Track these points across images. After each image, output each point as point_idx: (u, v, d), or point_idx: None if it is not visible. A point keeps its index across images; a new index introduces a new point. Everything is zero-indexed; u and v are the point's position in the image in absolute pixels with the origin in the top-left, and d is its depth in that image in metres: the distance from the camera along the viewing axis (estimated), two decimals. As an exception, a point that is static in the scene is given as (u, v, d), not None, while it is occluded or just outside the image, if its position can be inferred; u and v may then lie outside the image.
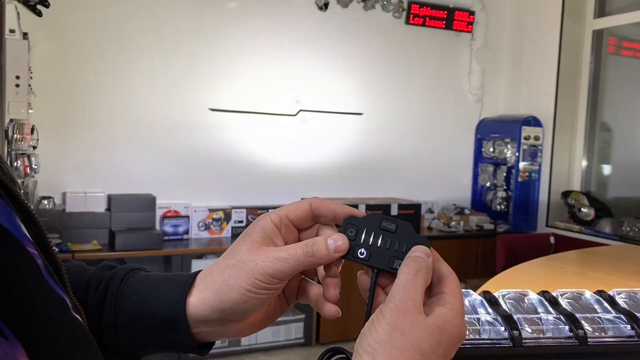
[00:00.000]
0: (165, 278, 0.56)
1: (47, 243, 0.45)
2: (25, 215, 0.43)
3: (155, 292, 0.55)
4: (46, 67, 3.51)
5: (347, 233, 0.53)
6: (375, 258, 0.52)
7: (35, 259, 0.39)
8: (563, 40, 4.48)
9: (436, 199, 4.82)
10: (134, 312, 0.54)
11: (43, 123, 3.41)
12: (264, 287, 0.50)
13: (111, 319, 0.55)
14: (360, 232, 0.53)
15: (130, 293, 0.55)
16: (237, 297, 0.51)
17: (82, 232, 3.51)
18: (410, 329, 0.44)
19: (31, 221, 0.43)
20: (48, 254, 0.44)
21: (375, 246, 0.52)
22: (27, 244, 0.39)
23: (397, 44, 4.60)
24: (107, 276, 0.57)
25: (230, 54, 4.03)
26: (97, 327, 0.55)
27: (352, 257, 0.52)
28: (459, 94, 4.92)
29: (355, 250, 0.52)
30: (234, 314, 0.52)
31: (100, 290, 0.56)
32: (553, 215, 4.57)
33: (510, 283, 1.45)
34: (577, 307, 0.68)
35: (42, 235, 0.44)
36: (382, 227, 0.53)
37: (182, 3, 3.87)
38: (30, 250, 0.39)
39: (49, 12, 3.47)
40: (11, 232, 0.38)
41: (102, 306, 0.55)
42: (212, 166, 4.06)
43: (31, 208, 0.44)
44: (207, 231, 3.96)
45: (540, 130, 4.56)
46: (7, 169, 0.44)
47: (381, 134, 4.59)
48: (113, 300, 0.55)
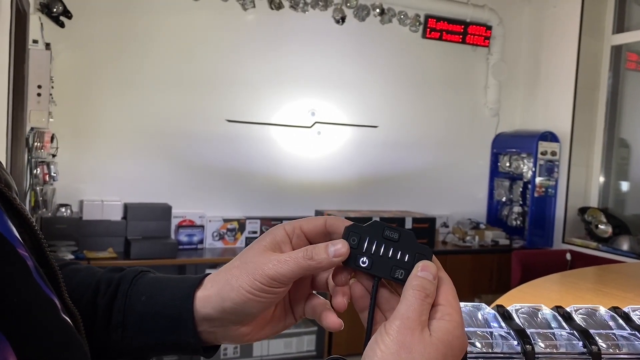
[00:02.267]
0: (174, 279, 0.58)
1: (42, 247, 0.46)
2: (21, 220, 0.44)
3: (164, 292, 0.56)
4: (67, 76, 3.58)
5: (350, 241, 0.52)
6: (377, 267, 0.51)
7: (26, 260, 0.40)
8: (581, 55, 4.46)
9: (451, 213, 4.79)
10: (142, 311, 0.55)
11: (62, 132, 3.47)
12: (263, 290, 0.50)
13: (120, 319, 0.55)
14: (362, 241, 0.52)
15: (139, 293, 0.56)
16: (237, 296, 0.51)
17: (99, 240, 3.55)
18: (417, 346, 0.44)
19: (27, 226, 0.45)
20: (43, 258, 0.45)
21: (377, 255, 0.51)
22: (18, 246, 0.40)
23: (413, 57, 4.61)
24: (116, 277, 0.58)
25: (247, 65, 4.07)
26: (106, 327, 0.56)
27: (354, 265, 0.52)
28: (475, 108, 4.91)
29: (357, 258, 0.51)
30: (234, 314, 0.52)
31: (110, 290, 0.57)
32: (570, 231, 4.52)
33: (524, 298, 1.44)
34: (591, 323, 0.68)
35: (37, 240, 0.46)
36: (384, 235, 0.52)
37: (201, 15, 3.92)
38: (20, 252, 0.40)
39: (71, 23, 3.55)
40: (1, 233, 0.39)
41: (111, 306, 0.56)
42: (228, 176, 4.09)
43: (27, 213, 0.45)
44: (221, 241, 3.98)
45: (557, 145, 4.53)
46: (4, 175, 0.46)
47: (396, 147, 4.59)
48: (123, 301, 0.56)
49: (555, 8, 4.69)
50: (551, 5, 4.73)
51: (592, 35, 4.48)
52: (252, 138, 4.13)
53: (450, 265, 4.20)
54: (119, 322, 0.55)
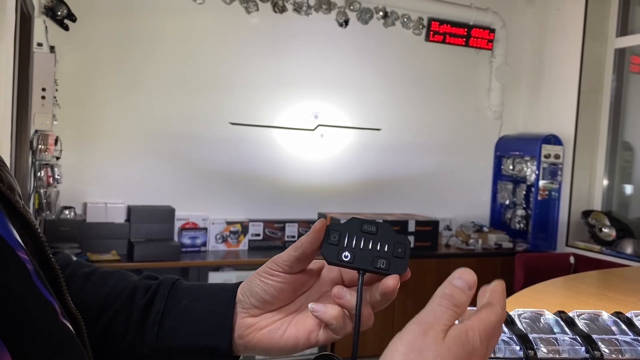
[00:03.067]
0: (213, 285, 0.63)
1: (45, 251, 0.47)
2: (24, 223, 0.45)
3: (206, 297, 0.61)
4: (71, 79, 3.59)
5: (331, 239, 0.55)
6: (359, 260, 0.54)
7: (26, 263, 0.40)
8: (584, 58, 4.45)
9: (454, 216, 4.79)
10: (182, 314, 0.60)
11: (66, 134, 3.49)
12: (267, 272, 0.58)
13: (158, 319, 0.60)
14: (342, 237, 0.55)
15: (179, 297, 0.61)
16: (254, 280, 0.59)
17: (102, 242, 3.55)
18: (428, 350, 0.42)
19: (29, 229, 0.45)
20: (45, 262, 0.46)
21: (358, 248, 0.54)
22: (18, 249, 0.40)
23: (416, 60, 4.61)
24: (155, 283, 0.63)
25: (250, 68, 4.08)
26: (142, 326, 0.60)
27: (337, 261, 0.54)
28: (479, 111, 4.91)
29: (340, 254, 0.54)
30: (254, 297, 0.59)
31: (149, 294, 0.62)
32: (573, 234, 4.51)
33: (527, 303, 1.43)
34: (594, 328, 0.68)
35: (40, 244, 0.46)
36: (363, 230, 0.55)
37: (204, 18, 3.93)
38: (20, 255, 0.40)
39: (75, 26, 3.56)
40: (2, 236, 0.39)
41: (150, 307, 0.61)
42: (231, 179, 4.09)
43: (30, 217, 0.46)
44: (224, 244, 3.98)
45: (560, 148, 4.52)
46: (7, 178, 0.46)
47: (399, 150, 4.59)
48: (162, 303, 0.61)
49: (558, 11, 4.69)
50: (554, 8, 4.72)
51: (595, 38, 4.48)
52: (255, 141, 4.14)
53: (453, 269, 4.16)
54: (156, 322, 0.60)
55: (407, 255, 0.54)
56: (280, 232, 4.12)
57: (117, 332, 0.61)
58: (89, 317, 0.58)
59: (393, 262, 0.54)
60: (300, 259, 0.56)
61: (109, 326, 0.61)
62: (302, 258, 0.56)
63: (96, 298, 0.62)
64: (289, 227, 4.14)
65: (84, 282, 0.63)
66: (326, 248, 0.55)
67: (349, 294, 0.55)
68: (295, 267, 0.57)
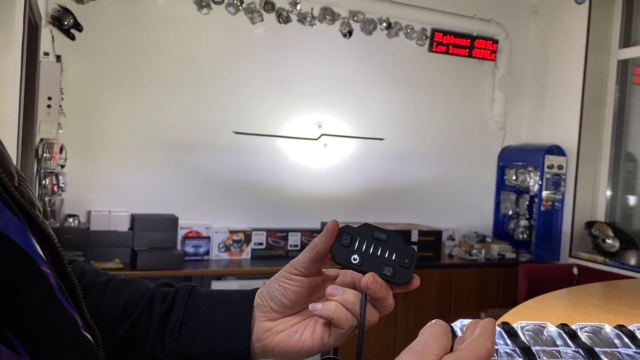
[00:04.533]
0: (231, 292, 0.65)
1: (63, 264, 0.47)
2: (43, 237, 0.46)
3: (224, 304, 0.63)
4: (77, 88, 3.62)
5: (343, 240, 0.57)
6: (367, 264, 0.56)
7: (49, 278, 0.41)
8: (587, 69, 4.46)
9: (457, 226, 4.79)
10: (200, 321, 0.62)
11: (71, 143, 3.51)
12: (285, 276, 0.60)
13: (177, 326, 0.61)
14: (354, 240, 0.57)
15: (198, 305, 0.63)
16: (272, 285, 0.62)
17: (105, 251, 3.56)
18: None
19: (48, 242, 0.46)
20: (63, 274, 0.47)
21: (367, 253, 0.57)
22: (41, 263, 0.41)
23: (420, 71, 4.63)
24: (172, 290, 0.65)
25: (255, 78, 4.10)
26: (161, 333, 0.62)
27: (346, 262, 0.57)
28: (482, 121, 4.92)
29: (349, 256, 0.57)
30: (272, 300, 0.61)
31: (167, 302, 0.63)
32: (576, 245, 4.50)
33: (530, 314, 1.43)
34: (597, 341, 0.68)
35: (58, 256, 0.47)
36: (374, 236, 0.57)
37: (209, 28, 3.96)
38: (44, 270, 0.41)
39: (82, 35, 3.60)
40: (26, 251, 0.40)
41: (169, 315, 0.62)
42: (234, 188, 4.10)
43: (49, 230, 0.47)
44: (227, 252, 3.98)
45: (563, 159, 4.52)
46: (28, 193, 0.47)
47: (403, 160, 4.60)
48: (180, 310, 0.62)
49: (561, 22, 4.71)
50: (558, 20, 4.74)
51: (598, 49, 4.49)
52: (259, 150, 4.15)
53: (456, 279, 4.19)
54: (176, 329, 0.61)
55: (412, 266, 0.56)
56: (283, 241, 4.12)
57: (137, 340, 0.62)
58: (108, 326, 0.59)
59: (399, 271, 0.56)
60: (315, 259, 0.59)
61: (128, 334, 0.62)
62: (317, 258, 0.59)
63: (115, 307, 0.63)
64: (292, 236, 4.14)
65: (101, 291, 0.64)
66: (337, 248, 0.57)
67: (342, 291, 0.57)
68: (311, 268, 0.59)
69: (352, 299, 0.57)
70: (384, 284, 0.56)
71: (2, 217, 0.39)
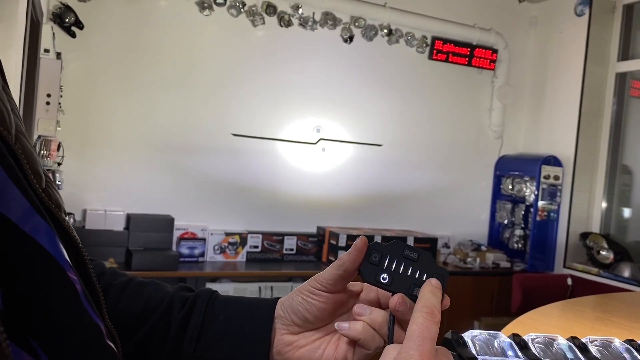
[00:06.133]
0: (251, 300, 0.64)
1: (87, 268, 0.46)
2: (68, 241, 0.45)
3: (244, 313, 0.61)
4: (76, 86, 3.60)
5: (372, 258, 0.55)
6: (396, 284, 0.54)
7: (75, 284, 0.41)
8: (585, 81, 4.49)
9: (453, 234, 4.79)
10: (220, 329, 0.60)
11: (69, 141, 3.49)
12: (309, 290, 0.58)
13: (196, 333, 0.60)
14: (383, 259, 0.55)
15: (217, 312, 0.62)
16: (295, 298, 0.60)
17: (100, 250, 3.54)
18: None
19: (73, 247, 0.45)
20: (87, 280, 0.46)
21: (397, 273, 0.54)
22: (68, 269, 0.41)
23: (419, 78, 4.65)
24: (192, 296, 0.64)
25: (255, 81, 4.10)
26: (180, 340, 0.60)
27: (375, 281, 0.55)
28: (479, 130, 4.93)
29: (378, 275, 0.55)
30: (295, 313, 0.60)
31: (186, 307, 0.62)
32: (571, 256, 4.51)
33: (534, 326, 1.43)
34: (607, 355, 0.68)
35: (82, 261, 0.46)
36: (404, 255, 0.55)
37: (211, 30, 3.96)
38: (70, 276, 0.40)
39: (82, 33, 3.58)
40: (54, 256, 0.39)
41: (188, 321, 0.61)
42: (231, 190, 4.09)
43: (74, 234, 0.46)
44: (222, 255, 3.97)
45: (560, 170, 4.54)
46: (55, 195, 0.46)
47: (400, 166, 4.60)
48: (199, 317, 0.61)
49: (561, 34, 4.74)
50: (557, 31, 4.77)
51: (597, 61, 4.52)
52: (257, 153, 4.14)
53: (451, 287, 4.16)
54: (194, 335, 0.60)
55: (444, 288, 0.55)
56: (279, 244, 4.11)
57: (155, 346, 0.61)
58: (127, 329, 0.58)
59: None
60: (343, 276, 0.57)
61: (146, 339, 0.61)
62: (345, 276, 0.57)
63: (133, 310, 0.62)
64: (288, 239, 4.13)
65: (120, 293, 0.63)
66: (366, 267, 0.55)
67: (369, 310, 0.56)
68: (338, 285, 0.58)
69: (380, 319, 0.55)
70: (412, 305, 0.53)
71: (31, 221, 0.39)
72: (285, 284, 3.95)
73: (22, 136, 0.44)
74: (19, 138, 0.43)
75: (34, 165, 0.43)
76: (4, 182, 0.38)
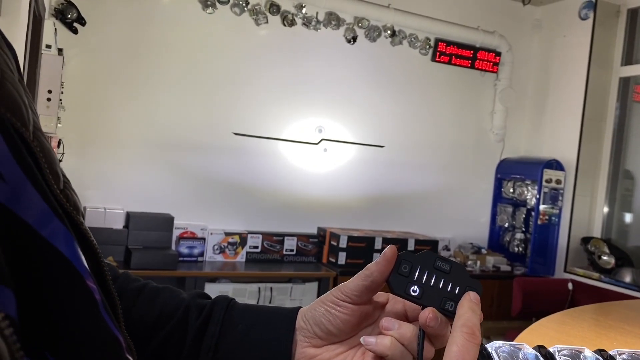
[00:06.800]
0: (270, 310, 0.61)
1: (104, 275, 0.44)
2: (86, 245, 0.42)
3: (263, 323, 0.59)
4: (77, 83, 3.57)
5: (402, 269, 0.52)
6: (427, 297, 0.51)
7: (94, 293, 0.38)
8: (589, 85, 4.48)
9: (453, 237, 4.77)
10: (238, 339, 0.58)
11: (69, 137, 3.46)
12: (333, 301, 0.55)
13: (213, 343, 0.58)
14: (414, 270, 0.52)
15: (235, 321, 0.59)
16: (318, 309, 0.56)
17: (100, 248, 3.50)
18: None
19: (91, 251, 0.43)
20: (105, 288, 0.43)
21: (428, 285, 0.51)
22: (87, 277, 0.38)
23: (421, 80, 4.63)
24: (209, 303, 0.61)
25: (257, 80, 4.08)
26: (197, 350, 0.58)
27: (404, 294, 0.52)
28: (481, 133, 4.92)
29: (408, 287, 0.52)
30: (317, 326, 0.56)
31: (203, 315, 0.59)
32: (572, 260, 4.50)
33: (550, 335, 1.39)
34: (635, 369, 0.66)
35: (100, 267, 0.44)
36: (435, 266, 0.52)
37: (213, 28, 3.93)
38: (89, 284, 0.38)
39: (84, 30, 3.56)
40: (72, 262, 0.37)
41: (204, 330, 0.58)
42: (232, 190, 4.07)
43: (92, 238, 0.43)
44: (221, 255, 3.94)
45: (562, 174, 4.53)
46: (73, 197, 0.44)
47: (401, 168, 4.58)
48: (216, 327, 0.58)
49: (565, 37, 4.72)
50: (561, 35, 4.76)
51: (600, 66, 4.51)
52: (258, 152, 4.12)
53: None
54: (211, 347, 0.57)
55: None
56: (279, 245, 4.09)
57: (171, 354, 0.58)
58: (141, 337, 0.55)
59: None
60: (370, 287, 0.53)
61: (161, 347, 0.58)
62: (372, 287, 0.54)
63: (148, 317, 0.59)
64: (288, 240, 4.11)
65: (134, 299, 0.60)
66: (395, 278, 0.52)
67: (397, 325, 0.53)
68: (364, 297, 0.54)
69: (409, 334, 0.52)
70: (444, 320, 0.50)
71: (49, 225, 0.36)
72: (285, 285, 3.93)
73: (40, 134, 0.41)
74: (36, 135, 0.40)
75: (52, 165, 0.41)
76: (22, 183, 0.35)
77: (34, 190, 0.36)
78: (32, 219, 0.35)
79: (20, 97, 0.40)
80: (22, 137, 0.38)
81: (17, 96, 0.39)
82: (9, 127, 0.36)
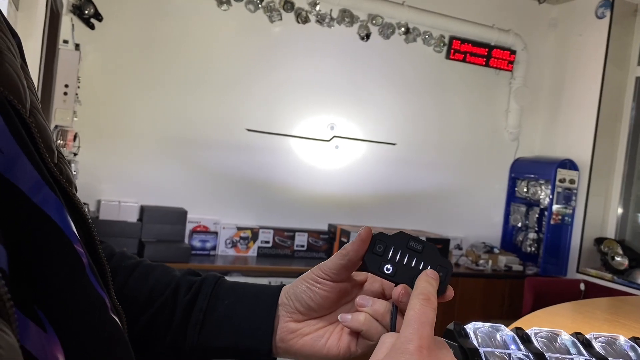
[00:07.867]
0: (255, 287, 0.64)
1: (95, 243, 0.47)
2: (77, 216, 0.45)
3: (248, 299, 0.62)
4: (93, 77, 3.64)
5: (376, 249, 0.55)
6: (400, 275, 0.54)
7: (81, 257, 0.41)
8: (604, 84, 4.43)
9: (465, 236, 4.76)
10: (224, 314, 0.61)
11: (85, 131, 3.52)
12: (313, 279, 0.59)
13: (200, 318, 0.60)
14: (387, 249, 0.55)
15: (222, 297, 0.62)
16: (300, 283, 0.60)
17: (113, 241, 3.57)
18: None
19: (82, 222, 0.46)
20: (95, 255, 0.46)
21: (401, 264, 0.54)
22: (75, 242, 0.41)
23: (435, 77, 4.62)
24: (198, 280, 0.64)
25: (270, 77, 4.11)
26: (185, 325, 0.61)
27: (378, 272, 0.55)
28: (495, 132, 4.89)
29: (382, 265, 0.54)
30: (298, 301, 0.60)
31: (192, 292, 0.62)
32: (584, 261, 4.46)
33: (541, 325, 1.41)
34: (611, 352, 0.67)
35: (91, 237, 0.46)
36: (409, 246, 0.55)
37: (228, 24, 3.98)
38: (77, 248, 0.41)
39: (101, 25, 3.62)
40: (61, 228, 0.40)
41: (192, 306, 0.61)
42: (244, 185, 4.11)
43: (84, 209, 0.46)
44: (233, 249, 3.99)
45: (576, 173, 4.49)
46: (66, 171, 0.47)
47: (413, 165, 4.58)
48: (204, 302, 0.61)
49: (580, 36, 4.68)
50: (577, 34, 4.71)
51: (616, 65, 4.46)
52: (271, 148, 4.15)
53: (462, 289, 4.16)
54: (199, 320, 0.60)
55: (447, 279, 0.54)
56: (290, 240, 4.12)
57: (160, 328, 0.61)
58: (132, 311, 0.58)
59: None
60: (347, 266, 0.57)
61: (151, 322, 0.61)
62: (349, 265, 0.57)
63: (140, 292, 0.62)
64: (299, 236, 4.14)
65: (128, 275, 0.64)
66: (370, 257, 0.55)
67: (371, 302, 0.56)
68: (342, 275, 0.58)
69: (382, 310, 0.55)
70: None
71: (40, 192, 0.39)
72: (295, 280, 3.95)
73: (37, 112, 0.45)
74: (33, 113, 0.44)
75: (47, 140, 0.44)
76: (16, 154, 0.38)
77: (27, 162, 0.39)
78: (25, 187, 0.38)
79: (19, 78, 0.43)
80: (19, 113, 0.41)
81: (15, 76, 0.43)
82: (5, 104, 0.39)
